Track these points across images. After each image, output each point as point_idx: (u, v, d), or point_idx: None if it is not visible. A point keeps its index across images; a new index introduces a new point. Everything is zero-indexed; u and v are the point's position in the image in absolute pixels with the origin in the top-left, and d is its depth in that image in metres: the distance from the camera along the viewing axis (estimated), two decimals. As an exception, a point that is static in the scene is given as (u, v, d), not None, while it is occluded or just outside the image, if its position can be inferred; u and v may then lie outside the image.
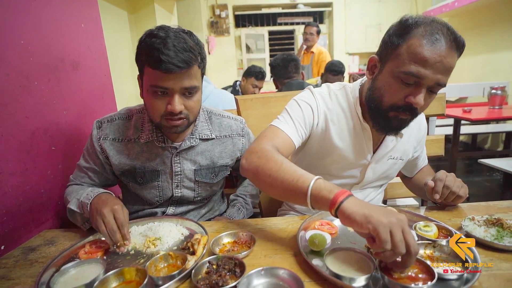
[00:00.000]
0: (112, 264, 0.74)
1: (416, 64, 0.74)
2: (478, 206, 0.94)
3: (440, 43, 0.73)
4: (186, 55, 0.79)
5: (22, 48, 0.96)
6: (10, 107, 0.90)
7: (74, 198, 0.91)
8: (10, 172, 0.90)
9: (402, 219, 0.58)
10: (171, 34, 0.80)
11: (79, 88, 1.24)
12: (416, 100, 0.77)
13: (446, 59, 0.73)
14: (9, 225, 0.89)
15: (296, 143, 0.90)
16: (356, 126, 0.94)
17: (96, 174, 1.01)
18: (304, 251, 0.70)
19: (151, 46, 0.79)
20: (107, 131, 0.96)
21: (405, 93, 0.78)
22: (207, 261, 0.67)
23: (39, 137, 1.01)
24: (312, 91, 0.98)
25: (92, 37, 1.35)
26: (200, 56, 0.85)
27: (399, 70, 0.77)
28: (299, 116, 0.93)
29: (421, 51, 0.73)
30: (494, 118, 3.18)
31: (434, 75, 0.74)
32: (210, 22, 5.68)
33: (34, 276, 0.71)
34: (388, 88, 0.80)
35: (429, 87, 0.77)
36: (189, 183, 1.02)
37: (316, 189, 0.67)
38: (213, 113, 1.06)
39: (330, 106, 0.96)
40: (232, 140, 1.06)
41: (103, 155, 0.97)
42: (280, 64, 2.20)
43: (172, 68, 0.78)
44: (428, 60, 0.73)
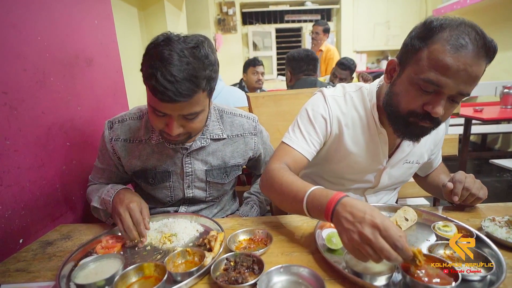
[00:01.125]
0: (129, 259, 0.75)
1: (437, 71, 0.69)
2: (497, 207, 0.92)
3: (466, 50, 0.67)
4: (187, 86, 0.73)
5: (39, 44, 0.97)
6: (27, 102, 0.91)
7: (96, 196, 0.94)
8: (28, 167, 0.91)
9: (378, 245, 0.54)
10: (174, 57, 0.72)
11: (92, 84, 1.24)
12: (435, 110, 0.72)
13: (471, 67, 0.67)
14: (27, 219, 0.90)
15: (309, 156, 0.91)
16: (372, 130, 0.90)
17: (111, 174, 1.02)
18: (321, 249, 0.69)
19: (150, 68, 0.73)
20: (118, 132, 0.95)
21: (423, 100, 0.74)
22: (225, 258, 0.67)
23: (54, 133, 1.02)
24: (324, 95, 0.93)
25: (104, 34, 1.36)
26: (207, 79, 0.78)
27: (418, 76, 0.72)
28: (311, 130, 0.91)
29: (443, 58, 0.68)
30: (506, 118, 3.12)
31: (456, 85, 0.69)
32: (217, 19, 5.67)
33: (53, 270, 0.72)
34: (405, 94, 0.76)
35: (450, 96, 0.72)
36: (200, 184, 1.02)
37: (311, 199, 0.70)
38: (224, 111, 1.03)
39: (344, 110, 0.92)
40: (244, 139, 1.04)
41: (115, 156, 0.97)
42: (304, 58, 2.14)
43: (168, 100, 0.73)
44: (450, 68, 0.67)
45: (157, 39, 0.77)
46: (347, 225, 0.59)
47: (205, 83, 0.78)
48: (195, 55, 0.75)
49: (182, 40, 0.76)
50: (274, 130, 1.37)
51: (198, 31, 2.49)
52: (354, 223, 0.58)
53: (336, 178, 1.02)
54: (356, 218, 0.58)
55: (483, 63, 0.69)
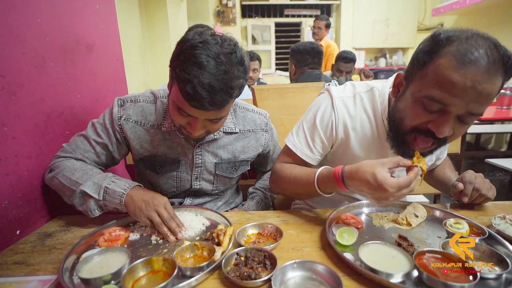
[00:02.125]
0: (134, 253, 0.72)
1: (442, 89, 0.63)
2: (503, 205, 0.92)
3: (475, 66, 0.60)
4: (222, 97, 0.72)
5: (38, 27, 0.92)
6: (26, 87, 0.87)
7: (89, 181, 0.83)
8: (26, 155, 0.87)
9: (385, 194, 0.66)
10: (211, 63, 0.69)
11: (92, 71, 1.20)
12: (440, 130, 0.66)
13: (481, 85, 0.60)
14: (24, 209, 0.87)
15: (314, 162, 0.93)
16: (381, 134, 0.86)
17: (104, 151, 0.94)
18: (334, 245, 0.68)
19: (187, 73, 0.69)
20: (130, 112, 0.91)
21: (427, 118, 0.69)
22: (235, 253, 0.65)
23: (54, 120, 0.98)
24: (332, 97, 0.88)
25: (106, 19, 1.31)
26: (239, 88, 0.77)
27: (422, 93, 0.67)
28: (315, 136, 0.90)
29: (449, 74, 0.62)
30: (502, 118, 3.16)
31: (464, 104, 0.63)
32: (217, 11, 5.58)
33: (54, 263, 0.69)
34: (409, 112, 0.71)
35: (459, 116, 0.66)
36: (208, 176, 1.00)
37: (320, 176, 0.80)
38: (237, 105, 1.01)
39: (352, 113, 0.87)
40: (256, 135, 1.02)
41: (121, 135, 0.93)
42: (309, 51, 2.10)
43: (201, 108, 0.72)
44: (456, 85, 0.61)
45: (193, 38, 0.72)
46: (366, 191, 0.70)
47: (237, 92, 0.78)
48: (231, 62, 0.73)
49: (220, 43, 0.73)
50: (279, 124, 1.35)
51: (197, 22, 2.43)
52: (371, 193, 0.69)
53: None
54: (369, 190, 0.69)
55: (498, 79, 0.62)
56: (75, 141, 0.93)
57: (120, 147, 0.96)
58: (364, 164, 0.71)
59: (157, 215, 0.78)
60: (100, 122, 0.93)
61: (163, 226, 0.77)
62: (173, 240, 0.77)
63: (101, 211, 0.85)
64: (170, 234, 0.77)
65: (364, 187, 0.69)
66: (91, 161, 0.94)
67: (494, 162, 2.50)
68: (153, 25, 3.07)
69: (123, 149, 0.97)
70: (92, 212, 0.84)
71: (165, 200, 0.82)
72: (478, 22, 4.67)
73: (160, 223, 0.77)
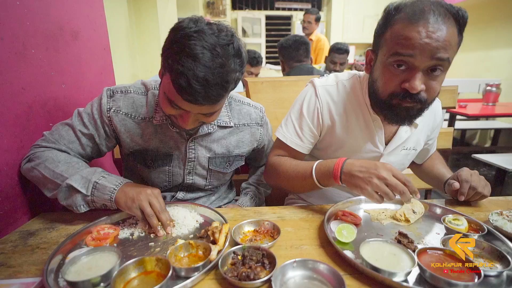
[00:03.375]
0: (125, 252, 0.68)
1: (402, 46, 0.70)
2: (497, 201, 0.93)
3: (424, 18, 0.67)
4: (217, 92, 0.69)
5: (19, 10, 0.85)
6: (5, 75, 0.80)
7: (76, 175, 0.78)
8: (5, 149, 0.81)
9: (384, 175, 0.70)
10: (207, 56, 0.65)
11: (78, 60, 1.13)
12: (411, 85, 0.71)
13: (435, 33, 0.67)
14: (4, 206, 0.81)
15: (305, 151, 0.95)
16: (366, 117, 0.89)
17: (90, 143, 0.88)
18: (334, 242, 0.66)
19: (180, 65, 0.65)
20: (120, 104, 0.86)
21: (399, 79, 0.73)
22: (232, 252, 0.63)
23: (36, 112, 0.92)
24: (315, 86, 0.92)
25: (91, 6, 1.23)
26: (235, 81, 0.74)
27: (387, 58, 0.73)
28: (303, 125, 0.92)
29: (404, 32, 0.69)
30: (488, 115, 3.24)
31: (425, 53, 0.68)
32: (207, 2, 5.45)
33: (38, 264, 0.65)
34: (382, 78, 0.77)
35: (426, 68, 0.71)
36: (201, 171, 0.96)
37: (318, 172, 0.82)
38: (233, 98, 0.97)
39: (336, 99, 0.91)
40: (251, 130, 0.99)
41: (110, 128, 0.88)
42: (292, 45, 2.09)
43: (194, 102, 0.69)
44: (412, 38, 0.68)
45: (188, 26, 0.68)
46: (363, 174, 0.73)
47: (233, 85, 0.74)
48: (228, 54, 0.69)
49: (216, 34, 0.68)
50: (272, 118, 1.32)
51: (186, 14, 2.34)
52: (369, 170, 0.72)
53: None
54: (369, 168, 0.73)
55: (450, 27, 0.69)
56: (59, 130, 0.87)
57: (108, 140, 0.91)
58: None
59: (149, 206, 0.75)
60: (87, 112, 0.87)
61: (154, 218, 0.74)
62: (162, 234, 0.74)
63: (87, 208, 0.80)
64: (160, 228, 0.74)
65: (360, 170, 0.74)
66: (75, 153, 0.88)
67: (480, 157, 2.55)
68: (141, 15, 2.96)
69: (111, 142, 0.92)
70: (78, 207, 0.79)
71: (158, 191, 0.79)
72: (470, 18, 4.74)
73: (152, 215, 0.74)
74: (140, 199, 0.74)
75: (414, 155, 1.03)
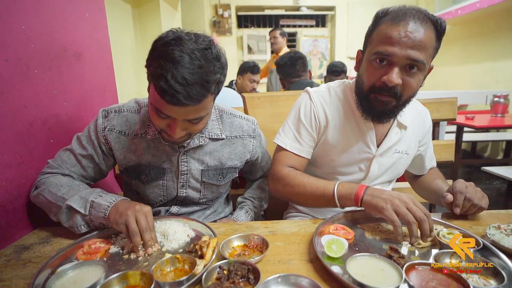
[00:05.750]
0: (113, 266, 0.68)
1: (383, 43, 0.78)
2: (498, 214, 0.90)
3: (404, 21, 0.76)
4: (197, 90, 0.70)
5: (23, 34, 0.90)
6: (7, 95, 0.85)
7: (76, 195, 0.80)
8: (5, 164, 0.84)
9: (405, 199, 0.73)
10: (185, 58, 0.68)
11: (80, 79, 1.18)
12: (388, 78, 0.78)
13: (413, 33, 0.75)
14: (2, 221, 0.83)
15: (307, 155, 0.97)
16: (357, 118, 0.93)
17: (91, 164, 0.92)
18: (321, 257, 0.65)
19: (160, 68, 0.68)
20: (114, 122, 0.90)
21: (380, 73, 0.80)
22: (218, 266, 0.62)
23: (37, 128, 0.95)
24: (309, 93, 0.99)
25: (95, 28, 1.30)
26: (216, 83, 0.76)
27: (371, 54, 0.81)
28: (301, 129, 0.96)
29: (386, 31, 0.78)
30: (496, 126, 3.17)
31: (403, 51, 0.75)
32: (213, 21, 5.64)
33: (27, 278, 0.65)
34: (366, 72, 0.85)
35: (404, 65, 0.78)
36: (195, 184, 0.97)
37: (340, 193, 0.83)
38: (224, 111, 0.99)
39: (328, 103, 0.96)
40: (243, 141, 1.00)
41: (107, 147, 0.91)
42: (287, 62, 2.14)
43: (177, 103, 0.70)
44: (392, 37, 0.76)
45: (167, 35, 0.72)
46: (385, 196, 0.75)
47: (214, 87, 0.76)
48: (206, 57, 0.72)
49: (194, 40, 0.72)
50: (269, 132, 1.33)
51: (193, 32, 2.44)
52: (391, 194, 0.75)
53: (330, 174, 1.01)
54: (392, 193, 0.76)
55: (428, 31, 0.76)
56: (61, 156, 0.92)
57: (106, 158, 0.94)
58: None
59: (135, 222, 0.73)
60: (85, 135, 0.92)
61: (137, 236, 0.71)
62: (142, 255, 0.72)
63: (87, 227, 0.81)
64: (141, 248, 0.72)
65: (383, 192, 0.77)
66: (78, 176, 0.92)
67: (490, 170, 2.48)
68: (146, 34, 3.09)
69: (109, 160, 0.95)
70: (78, 228, 0.80)
71: (148, 209, 0.78)
72: (470, 32, 4.74)
73: (136, 233, 0.71)
74: (127, 214, 0.73)
75: (408, 160, 1.02)
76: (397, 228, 0.70)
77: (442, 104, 1.39)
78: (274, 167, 0.97)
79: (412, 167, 1.12)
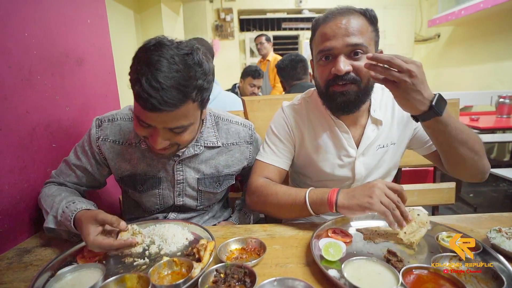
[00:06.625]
0: (112, 269, 0.69)
1: (322, 42, 0.84)
2: (501, 217, 0.89)
3: (334, 17, 0.83)
4: (173, 95, 0.67)
5: (26, 41, 0.92)
6: (10, 100, 0.86)
7: (50, 215, 0.80)
8: (8, 169, 0.86)
9: (380, 186, 0.74)
10: (163, 63, 0.67)
11: (82, 84, 1.20)
12: (336, 68, 0.82)
13: (344, 24, 0.81)
14: (4, 224, 0.85)
15: (284, 166, 0.99)
16: (330, 123, 0.95)
17: (85, 174, 0.93)
18: (318, 260, 0.65)
19: (136, 72, 0.68)
20: (107, 132, 0.90)
21: (329, 68, 0.85)
22: (214, 269, 0.62)
23: (39, 133, 0.97)
24: (283, 108, 1.03)
25: (97, 34, 1.32)
26: (198, 89, 0.73)
27: (316, 55, 0.88)
28: (277, 142, 0.99)
29: (322, 32, 0.85)
30: (502, 127, 3.13)
31: (340, 41, 0.81)
32: (215, 25, 5.68)
33: (28, 281, 0.66)
34: (318, 73, 0.90)
35: (348, 53, 0.82)
36: (191, 192, 0.96)
37: (312, 199, 0.82)
38: (220, 118, 0.98)
39: (301, 114, 0.99)
40: (240, 148, 1.00)
41: (101, 156, 0.92)
42: (288, 65, 2.15)
43: (151, 108, 0.68)
44: (327, 33, 0.83)
45: (149, 42, 0.73)
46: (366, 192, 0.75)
47: (196, 93, 0.73)
48: (186, 63, 0.71)
49: (175, 46, 0.72)
50: (270, 135, 1.33)
51: (195, 36, 2.46)
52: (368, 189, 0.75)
53: (319, 182, 1.01)
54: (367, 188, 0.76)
55: (357, 19, 0.82)
56: (60, 167, 0.95)
57: (101, 168, 0.94)
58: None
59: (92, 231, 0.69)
60: (80, 145, 0.93)
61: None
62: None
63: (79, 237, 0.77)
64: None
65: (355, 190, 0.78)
66: (72, 184, 0.94)
67: (496, 172, 2.44)
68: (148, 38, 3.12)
69: (104, 170, 0.96)
70: (70, 239, 0.82)
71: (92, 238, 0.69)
72: (474, 32, 4.71)
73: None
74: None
75: (398, 149, 0.99)
76: (389, 217, 0.71)
77: (444, 105, 1.38)
78: (250, 179, 0.97)
79: (420, 149, 1.01)
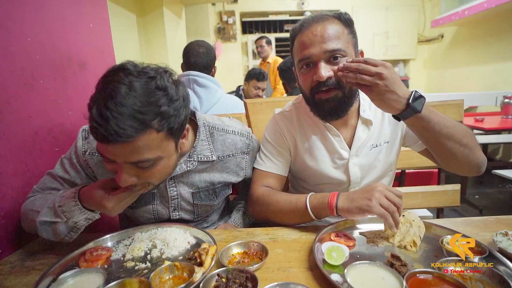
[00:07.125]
0: (114, 274, 0.69)
1: (301, 50, 0.85)
2: (507, 220, 0.87)
3: (309, 25, 0.85)
4: (127, 124, 0.59)
5: (28, 45, 0.93)
6: (13, 105, 0.87)
7: (45, 208, 0.76)
8: (11, 173, 0.86)
9: (380, 189, 0.75)
10: (120, 89, 0.60)
11: (85, 88, 1.20)
12: (318, 75, 0.83)
13: (320, 31, 0.82)
14: (8, 228, 0.85)
15: (282, 172, 1.00)
16: (320, 128, 0.96)
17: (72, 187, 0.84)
18: (321, 265, 0.64)
19: (90, 100, 0.62)
20: (94, 145, 0.84)
21: (311, 75, 0.86)
22: (216, 274, 0.62)
23: (42, 137, 0.97)
24: (274, 116, 1.05)
25: (100, 38, 1.32)
26: (162, 117, 0.64)
27: (297, 64, 0.90)
28: (272, 150, 1.00)
29: (299, 41, 0.86)
30: (507, 128, 3.10)
31: (318, 48, 0.82)
32: (218, 28, 5.70)
33: (30, 285, 0.66)
34: (301, 81, 0.91)
35: (327, 58, 0.83)
36: (187, 206, 0.94)
37: (312, 204, 0.83)
38: (215, 128, 0.93)
39: (292, 121, 1.01)
40: (236, 160, 0.96)
41: (89, 170, 0.87)
42: (290, 67, 2.16)
43: (103, 139, 0.60)
44: (305, 41, 0.84)
45: (113, 67, 0.66)
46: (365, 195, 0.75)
47: (159, 122, 0.64)
48: (147, 88, 0.63)
49: (139, 70, 0.65)
50: (272, 138, 1.33)
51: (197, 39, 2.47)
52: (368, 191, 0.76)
53: (317, 185, 1.01)
54: (367, 190, 0.76)
55: (332, 24, 0.83)
56: (44, 180, 0.88)
57: (89, 180, 0.89)
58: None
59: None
60: (67, 158, 0.88)
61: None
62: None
63: (76, 232, 0.77)
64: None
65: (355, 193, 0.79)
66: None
67: (501, 173, 2.42)
68: (151, 43, 3.14)
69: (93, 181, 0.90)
70: (66, 237, 0.77)
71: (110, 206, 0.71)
72: (477, 32, 4.68)
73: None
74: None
75: (393, 147, 0.97)
76: (388, 220, 0.72)
77: (448, 106, 1.36)
78: (251, 189, 0.98)
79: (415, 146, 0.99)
